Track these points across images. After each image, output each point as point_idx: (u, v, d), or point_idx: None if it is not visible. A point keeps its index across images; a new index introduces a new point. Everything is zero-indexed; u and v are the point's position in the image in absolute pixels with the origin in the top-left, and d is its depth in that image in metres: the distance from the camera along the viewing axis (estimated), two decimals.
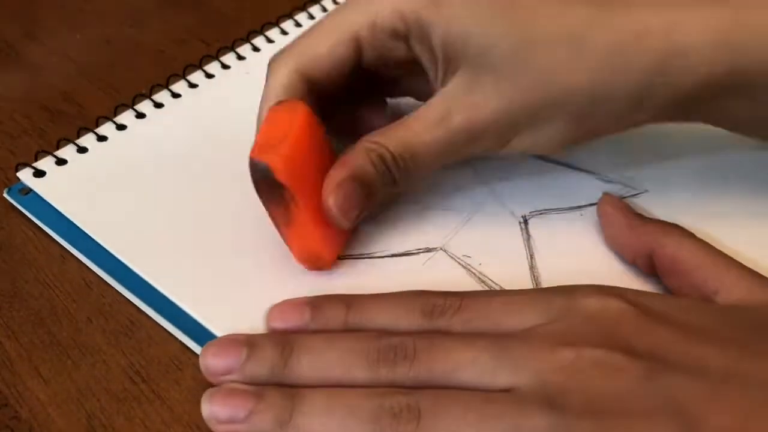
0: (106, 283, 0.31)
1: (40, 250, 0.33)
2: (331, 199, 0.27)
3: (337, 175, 0.28)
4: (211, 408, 0.25)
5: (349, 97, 0.31)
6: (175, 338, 0.29)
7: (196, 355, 0.28)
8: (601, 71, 0.25)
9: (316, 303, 0.27)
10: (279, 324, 0.27)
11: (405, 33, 0.28)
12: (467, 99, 0.27)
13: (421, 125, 0.28)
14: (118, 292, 0.31)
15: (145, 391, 0.27)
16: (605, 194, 0.31)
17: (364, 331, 0.25)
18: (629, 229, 0.29)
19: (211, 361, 0.25)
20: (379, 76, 0.31)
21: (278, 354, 0.25)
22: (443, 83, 0.28)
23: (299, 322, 0.26)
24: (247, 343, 0.25)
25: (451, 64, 0.27)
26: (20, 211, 0.34)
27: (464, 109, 0.27)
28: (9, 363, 0.29)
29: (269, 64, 0.30)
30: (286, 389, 0.24)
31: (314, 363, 0.25)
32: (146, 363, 0.28)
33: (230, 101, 0.39)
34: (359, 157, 0.28)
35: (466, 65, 0.27)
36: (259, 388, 0.25)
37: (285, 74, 0.29)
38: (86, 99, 0.41)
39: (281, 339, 0.25)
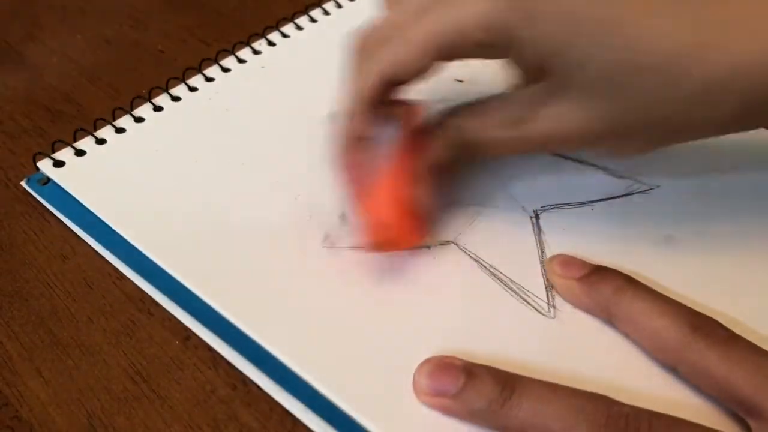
0: (107, 283, 0.31)
1: (40, 250, 0.33)
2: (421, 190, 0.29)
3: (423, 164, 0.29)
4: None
5: None
6: (176, 338, 0.29)
7: (197, 355, 0.29)
8: (696, 104, 0.24)
9: None
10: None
11: (492, 44, 0.26)
12: (552, 109, 0.27)
13: (497, 121, 0.28)
14: (119, 292, 0.31)
15: (146, 391, 0.28)
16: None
17: (593, 393, 0.24)
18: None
19: (425, 381, 0.26)
20: None
21: (498, 391, 0.24)
22: (526, 82, 0.28)
23: None
24: (465, 370, 0.25)
25: (539, 73, 0.27)
26: (20, 211, 0.34)
27: (547, 119, 0.27)
28: (10, 363, 0.29)
29: (354, 64, 0.29)
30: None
31: (535, 411, 0.24)
32: (147, 363, 0.28)
33: (246, 93, 0.40)
34: (437, 146, 0.29)
35: (557, 77, 0.26)
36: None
37: (371, 82, 0.28)
38: (86, 99, 0.41)
39: (503, 376, 0.25)
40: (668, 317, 0.26)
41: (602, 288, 0.27)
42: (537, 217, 0.32)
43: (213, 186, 0.34)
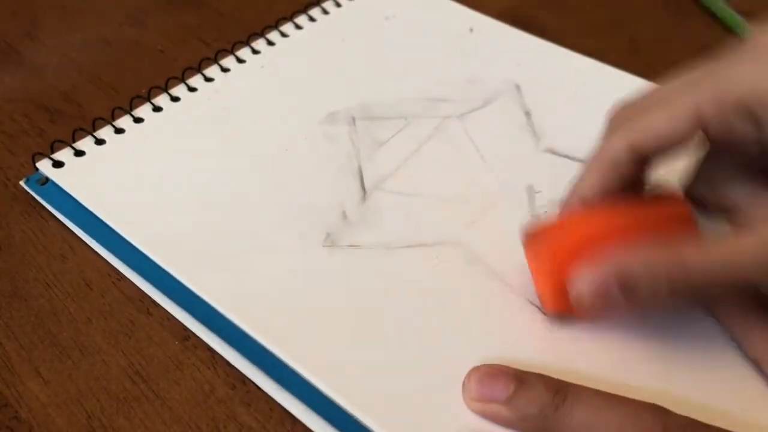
0: (106, 283, 0.31)
1: (40, 250, 0.33)
2: (581, 282, 0.25)
3: (606, 262, 0.25)
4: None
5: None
6: (175, 339, 0.29)
7: (196, 356, 0.29)
8: None
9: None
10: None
11: (759, 116, 0.23)
12: None
13: (754, 254, 0.23)
14: (118, 292, 0.31)
15: (145, 391, 0.28)
16: None
17: (647, 402, 0.24)
18: None
19: (475, 387, 0.25)
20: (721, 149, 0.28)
21: (550, 398, 0.24)
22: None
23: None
24: (516, 377, 0.25)
25: None
26: (20, 212, 0.34)
27: None
28: (9, 363, 0.29)
29: (607, 128, 0.27)
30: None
31: (587, 419, 0.23)
32: (146, 363, 0.28)
33: (245, 93, 0.40)
34: (641, 259, 0.24)
35: None
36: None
37: (615, 145, 0.26)
38: (86, 99, 0.41)
39: (555, 383, 0.25)
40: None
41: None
42: (538, 217, 0.32)
43: (212, 186, 0.34)
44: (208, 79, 0.40)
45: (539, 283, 0.28)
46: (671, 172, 0.29)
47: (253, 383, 0.28)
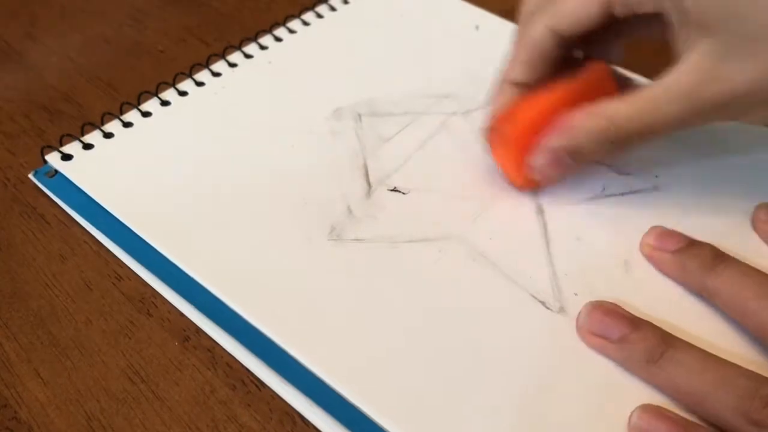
0: (106, 283, 0.31)
1: (39, 251, 0.33)
2: (538, 160, 0.30)
3: (553, 141, 0.29)
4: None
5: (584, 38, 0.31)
6: (175, 339, 0.29)
7: (196, 356, 0.28)
8: None
9: None
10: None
11: None
12: (719, 70, 0.26)
13: (666, 97, 0.27)
14: (117, 292, 0.31)
15: (145, 392, 0.27)
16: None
17: (746, 369, 0.25)
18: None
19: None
20: (618, 23, 0.30)
21: (655, 347, 0.25)
22: (689, 47, 0.27)
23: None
24: (631, 322, 0.27)
25: (702, 28, 0.26)
26: (19, 212, 0.34)
27: (715, 82, 0.26)
28: (8, 364, 0.28)
29: (521, 22, 0.31)
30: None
31: (688, 374, 0.25)
32: (145, 364, 0.28)
33: (253, 88, 0.39)
34: (580, 130, 0.29)
35: (721, 32, 0.26)
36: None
37: (538, 31, 0.30)
38: (86, 99, 0.40)
39: (662, 333, 0.26)
40: (751, 290, 0.26)
41: (690, 263, 0.28)
42: (541, 212, 0.32)
43: (219, 179, 0.34)
44: (216, 74, 0.40)
45: (506, 167, 0.32)
46: None
47: (254, 384, 0.27)
